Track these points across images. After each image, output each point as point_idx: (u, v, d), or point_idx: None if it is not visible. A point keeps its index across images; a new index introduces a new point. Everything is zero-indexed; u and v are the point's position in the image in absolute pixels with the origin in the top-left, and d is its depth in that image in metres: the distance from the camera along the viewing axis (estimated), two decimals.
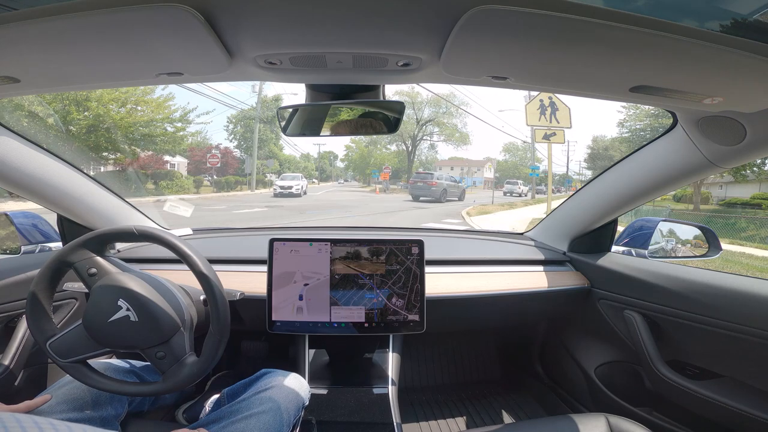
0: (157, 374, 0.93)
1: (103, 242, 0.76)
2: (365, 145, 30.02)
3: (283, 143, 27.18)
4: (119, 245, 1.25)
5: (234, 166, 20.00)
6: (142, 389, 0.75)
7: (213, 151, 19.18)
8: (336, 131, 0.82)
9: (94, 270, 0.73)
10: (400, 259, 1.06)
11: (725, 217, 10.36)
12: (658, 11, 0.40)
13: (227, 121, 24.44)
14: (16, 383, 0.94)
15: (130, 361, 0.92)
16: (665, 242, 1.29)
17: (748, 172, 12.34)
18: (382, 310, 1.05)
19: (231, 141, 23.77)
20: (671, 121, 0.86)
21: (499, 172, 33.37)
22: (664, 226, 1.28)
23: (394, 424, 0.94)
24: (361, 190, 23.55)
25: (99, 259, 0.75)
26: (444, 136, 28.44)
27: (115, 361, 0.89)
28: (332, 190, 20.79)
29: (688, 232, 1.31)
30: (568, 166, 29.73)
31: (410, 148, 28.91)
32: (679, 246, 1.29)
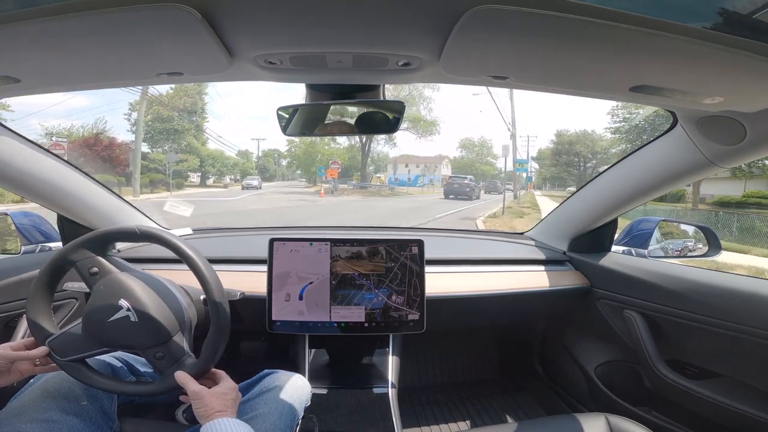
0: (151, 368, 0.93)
1: (105, 242, 0.76)
2: (309, 139, 24.21)
3: (207, 136, 22.24)
4: (120, 245, 1.25)
5: (124, 162, 15.83)
6: (139, 389, 0.75)
7: (54, 139, 13.69)
8: (336, 131, 0.82)
9: (95, 269, 0.73)
10: (399, 258, 1.06)
11: (737, 219, 9.06)
12: (659, 11, 0.40)
13: (129, 108, 19.78)
14: (15, 383, 0.94)
15: (125, 356, 0.91)
16: (665, 242, 1.29)
17: (755, 170, 11.69)
18: (382, 309, 1.05)
19: (134, 133, 18.82)
20: (671, 119, 0.86)
21: (456, 169, 31.69)
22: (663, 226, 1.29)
23: (394, 424, 0.94)
24: (303, 191, 19.63)
25: (100, 258, 0.74)
26: (407, 123, 23.05)
27: (108, 357, 0.88)
28: (242, 197, 14.91)
29: (687, 231, 1.31)
30: (529, 162, 26.16)
31: (365, 140, 23.06)
32: (679, 245, 1.30)
